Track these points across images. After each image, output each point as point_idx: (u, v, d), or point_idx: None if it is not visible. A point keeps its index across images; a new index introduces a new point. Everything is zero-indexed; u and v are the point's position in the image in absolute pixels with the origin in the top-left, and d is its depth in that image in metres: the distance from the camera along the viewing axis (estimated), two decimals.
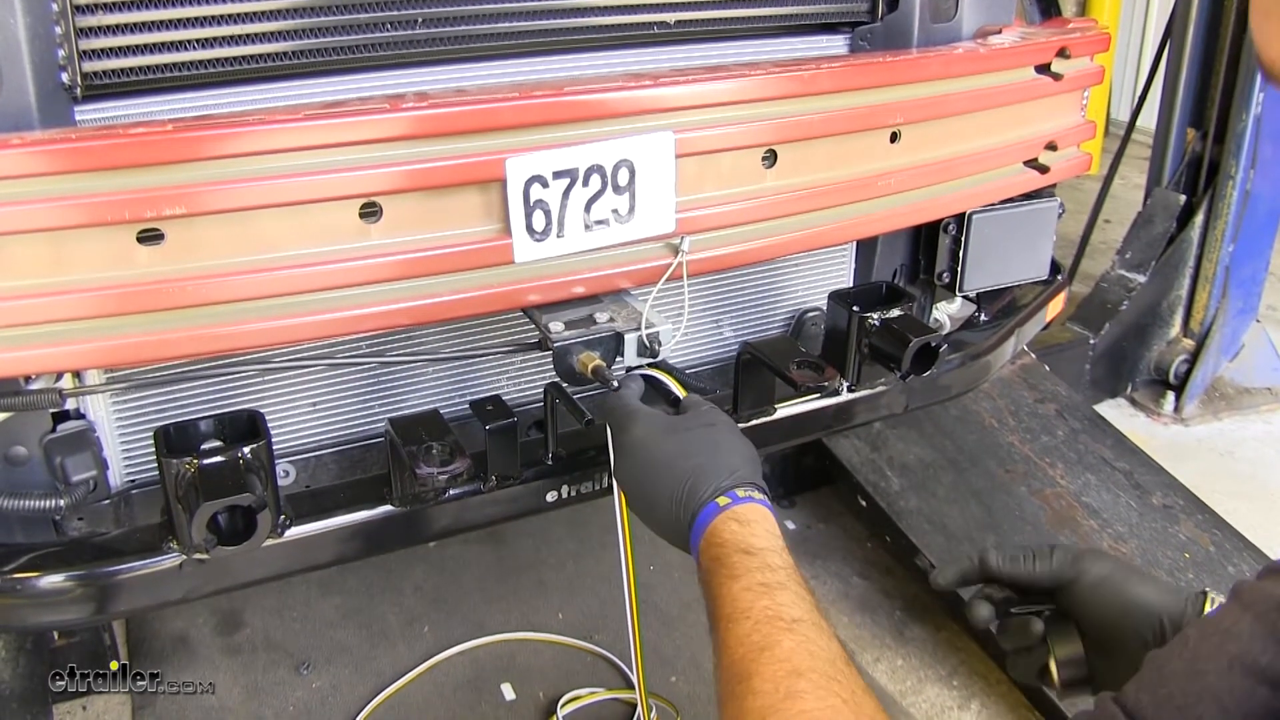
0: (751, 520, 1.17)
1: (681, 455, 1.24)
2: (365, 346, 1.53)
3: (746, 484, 1.21)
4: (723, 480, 1.21)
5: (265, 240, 1.19)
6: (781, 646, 1.00)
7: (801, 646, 1.01)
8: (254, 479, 1.26)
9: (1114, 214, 4.69)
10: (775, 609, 1.05)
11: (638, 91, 1.35)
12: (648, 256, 1.44)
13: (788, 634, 1.02)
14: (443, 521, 1.55)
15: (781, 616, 1.04)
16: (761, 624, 1.03)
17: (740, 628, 1.04)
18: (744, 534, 1.14)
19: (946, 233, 1.88)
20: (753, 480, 1.22)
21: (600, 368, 1.35)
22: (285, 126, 1.16)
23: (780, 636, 1.02)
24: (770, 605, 1.05)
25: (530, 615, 2.49)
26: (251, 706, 2.24)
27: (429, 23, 1.42)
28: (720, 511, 1.17)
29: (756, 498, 1.20)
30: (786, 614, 1.04)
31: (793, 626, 1.03)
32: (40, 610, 1.39)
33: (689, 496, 1.21)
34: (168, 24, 1.27)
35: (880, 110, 1.54)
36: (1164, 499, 2.67)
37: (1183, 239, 3.49)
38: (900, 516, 2.58)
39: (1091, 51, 1.82)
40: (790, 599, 1.07)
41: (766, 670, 0.98)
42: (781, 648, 1.00)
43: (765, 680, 0.97)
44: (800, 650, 1.00)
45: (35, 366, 1.17)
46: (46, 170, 1.07)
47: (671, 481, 1.23)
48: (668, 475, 1.24)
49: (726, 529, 1.16)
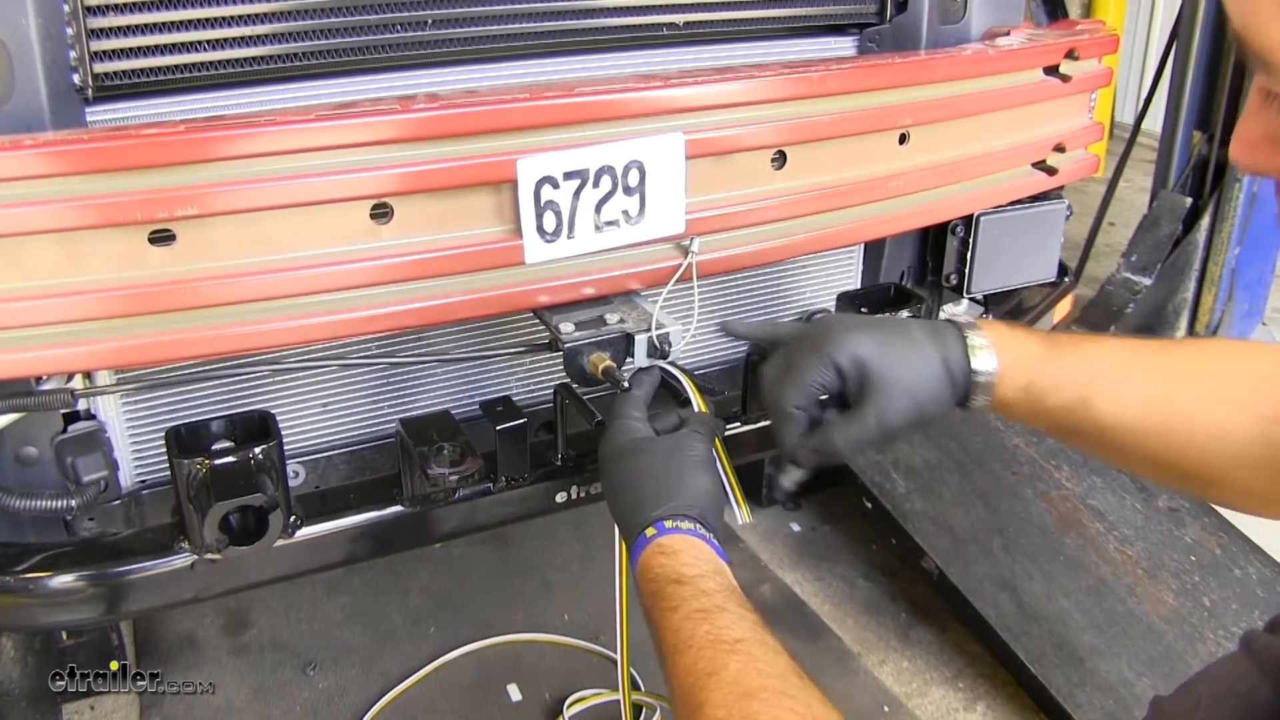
0: (677, 550, 1.14)
1: (632, 479, 1.22)
2: (376, 347, 1.53)
3: (677, 515, 1.17)
4: (651, 511, 1.18)
5: (276, 241, 1.19)
6: (728, 670, 0.99)
7: (749, 666, 0.99)
8: (265, 479, 1.26)
9: (1119, 217, 4.68)
10: (715, 633, 1.03)
11: (648, 93, 1.35)
12: (658, 258, 1.44)
13: (732, 656, 1.00)
14: (452, 522, 1.55)
15: (723, 639, 1.02)
16: (705, 650, 1.01)
17: (685, 658, 1.02)
18: (672, 565, 1.12)
19: (954, 234, 1.88)
20: (685, 511, 1.18)
21: (611, 368, 1.35)
22: (296, 127, 1.16)
23: (725, 660, 1.00)
24: (710, 630, 1.03)
25: (536, 616, 2.49)
26: (258, 706, 2.24)
27: (440, 24, 1.42)
28: (647, 544, 1.16)
29: (684, 527, 1.16)
30: (728, 635, 1.02)
31: (735, 648, 1.01)
32: (51, 610, 1.39)
33: (627, 523, 1.21)
34: (179, 25, 1.27)
35: (889, 112, 1.54)
36: (1170, 502, 2.66)
37: (1188, 242, 3.49)
38: (906, 518, 2.57)
39: (1099, 53, 1.82)
40: (729, 620, 1.04)
41: (716, 697, 0.96)
42: (728, 671, 0.98)
43: (717, 707, 0.96)
44: (748, 670, 0.98)
45: (47, 367, 1.17)
46: (58, 171, 1.07)
47: (620, 504, 1.23)
48: (622, 495, 1.23)
49: (655, 563, 1.14)
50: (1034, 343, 1.21)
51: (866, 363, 1.18)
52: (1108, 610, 2.33)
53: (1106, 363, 1.18)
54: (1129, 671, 2.18)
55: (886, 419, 1.18)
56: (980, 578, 2.41)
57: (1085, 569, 2.43)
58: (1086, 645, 2.24)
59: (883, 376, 1.18)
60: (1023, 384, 1.19)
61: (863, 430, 1.19)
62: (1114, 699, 2.13)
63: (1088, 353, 1.19)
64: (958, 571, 2.42)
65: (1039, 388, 1.18)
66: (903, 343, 1.20)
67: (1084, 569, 2.43)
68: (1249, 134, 0.82)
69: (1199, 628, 2.29)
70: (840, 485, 2.94)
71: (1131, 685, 2.16)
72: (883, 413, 1.18)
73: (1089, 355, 1.19)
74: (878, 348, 1.19)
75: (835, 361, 1.19)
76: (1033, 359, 1.19)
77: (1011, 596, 2.36)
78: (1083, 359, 1.18)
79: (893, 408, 1.18)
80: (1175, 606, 2.35)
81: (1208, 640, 2.26)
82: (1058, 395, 1.18)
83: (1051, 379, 1.18)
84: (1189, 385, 1.14)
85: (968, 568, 2.43)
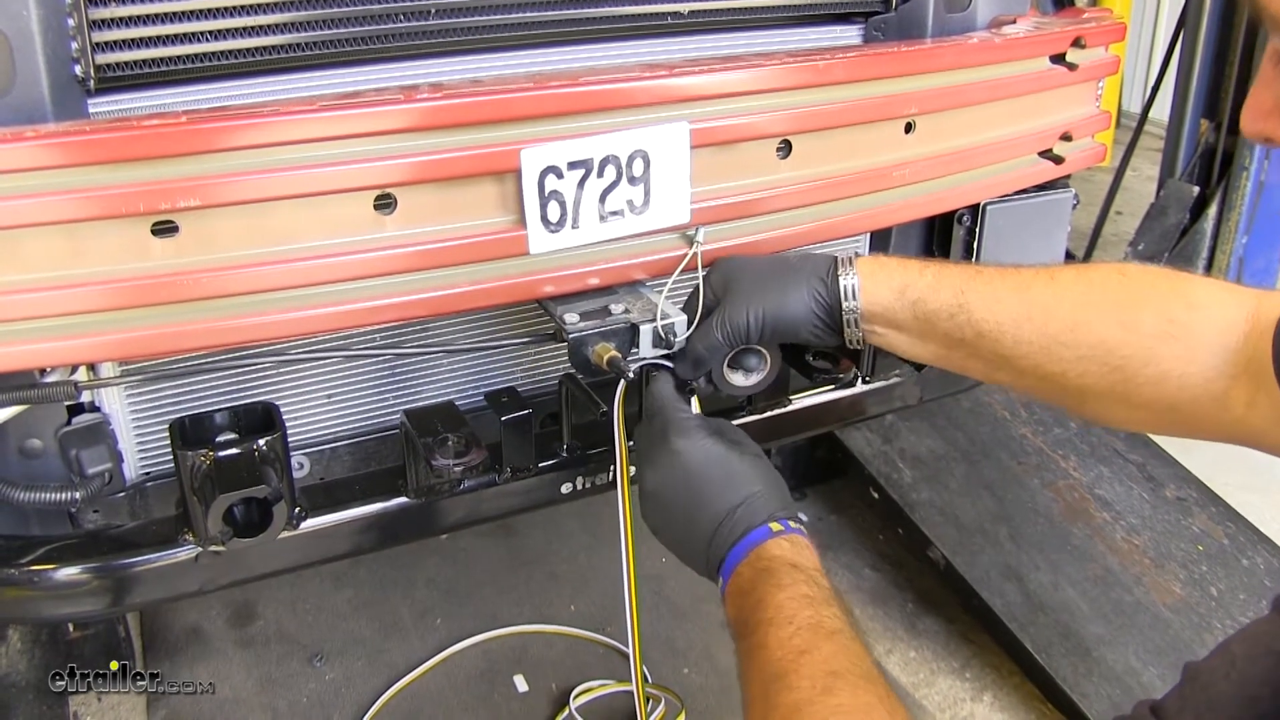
0: (801, 545, 1.20)
1: (734, 481, 1.25)
2: (380, 338, 1.52)
3: (794, 517, 1.24)
4: (776, 510, 1.23)
5: (280, 232, 1.19)
6: (821, 651, 1.03)
7: (841, 652, 1.04)
8: (269, 471, 1.26)
9: (1126, 206, 4.67)
10: (817, 619, 1.08)
11: (652, 82, 1.34)
12: (662, 247, 1.43)
13: (828, 641, 1.05)
14: (457, 513, 1.55)
15: (823, 626, 1.07)
16: (803, 630, 1.06)
17: (782, 631, 1.06)
18: (793, 552, 1.18)
19: (961, 224, 1.87)
20: (796, 515, 1.25)
21: (616, 359, 1.35)
22: (299, 118, 1.15)
23: (821, 643, 1.04)
24: (813, 615, 1.08)
25: (542, 607, 2.50)
26: (265, 698, 2.24)
27: (443, 13, 1.41)
28: (773, 535, 1.20)
29: (797, 526, 1.23)
30: (828, 625, 1.07)
31: (832, 636, 1.06)
32: (57, 602, 1.39)
33: (738, 521, 1.22)
34: (181, 15, 1.26)
35: (895, 101, 1.53)
36: (1177, 491, 2.66)
37: (1196, 230, 3.48)
38: (912, 509, 2.57)
39: (1106, 41, 1.81)
40: (832, 615, 1.09)
41: (805, 669, 1.01)
42: (821, 652, 1.03)
43: (803, 678, 1.00)
44: (839, 654, 1.03)
45: (50, 359, 1.16)
46: (61, 163, 1.07)
47: (720, 505, 1.24)
48: (718, 499, 1.24)
49: (777, 547, 1.18)
50: (915, 261, 1.30)
51: (726, 276, 1.33)
52: (1115, 600, 2.32)
53: (983, 274, 1.25)
54: (1136, 661, 2.18)
55: (731, 320, 1.30)
56: (987, 567, 2.41)
57: (1092, 559, 2.43)
58: (1093, 635, 2.24)
59: (736, 286, 1.31)
60: (898, 288, 1.26)
61: (707, 332, 1.33)
62: (1121, 689, 2.13)
63: (966, 267, 1.28)
64: (964, 561, 2.42)
65: (917, 289, 1.25)
66: (768, 265, 1.35)
67: (1091, 559, 2.43)
68: (1260, 102, 0.82)
69: (1206, 617, 2.29)
70: (847, 475, 2.94)
71: (1138, 675, 2.15)
72: (727, 314, 1.31)
73: (968, 268, 1.27)
74: (741, 267, 1.34)
75: (710, 280, 1.35)
76: (910, 269, 1.28)
77: (1018, 586, 2.36)
78: (963, 270, 1.27)
79: (736, 311, 1.30)
80: (1182, 596, 2.35)
81: (1215, 630, 2.26)
82: (937, 299, 1.24)
83: (930, 283, 1.25)
84: (1072, 297, 1.18)
85: (974, 557, 2.43)
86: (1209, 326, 1.09)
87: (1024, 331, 1.19)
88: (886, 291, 1.27)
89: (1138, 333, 1.12)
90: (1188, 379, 1.09)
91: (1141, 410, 1.16)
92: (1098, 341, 1.14)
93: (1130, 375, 1.12)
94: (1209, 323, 1.09)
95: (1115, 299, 1.15)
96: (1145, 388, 1.12)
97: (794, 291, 1.30)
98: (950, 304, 1.23)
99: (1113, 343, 1.13)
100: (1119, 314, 1.14)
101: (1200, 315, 1.10)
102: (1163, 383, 1.11)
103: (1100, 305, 1.16)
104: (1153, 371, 1.11)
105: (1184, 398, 1.10)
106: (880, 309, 1.28)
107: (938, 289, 1.25)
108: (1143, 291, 1.15)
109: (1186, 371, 1.09)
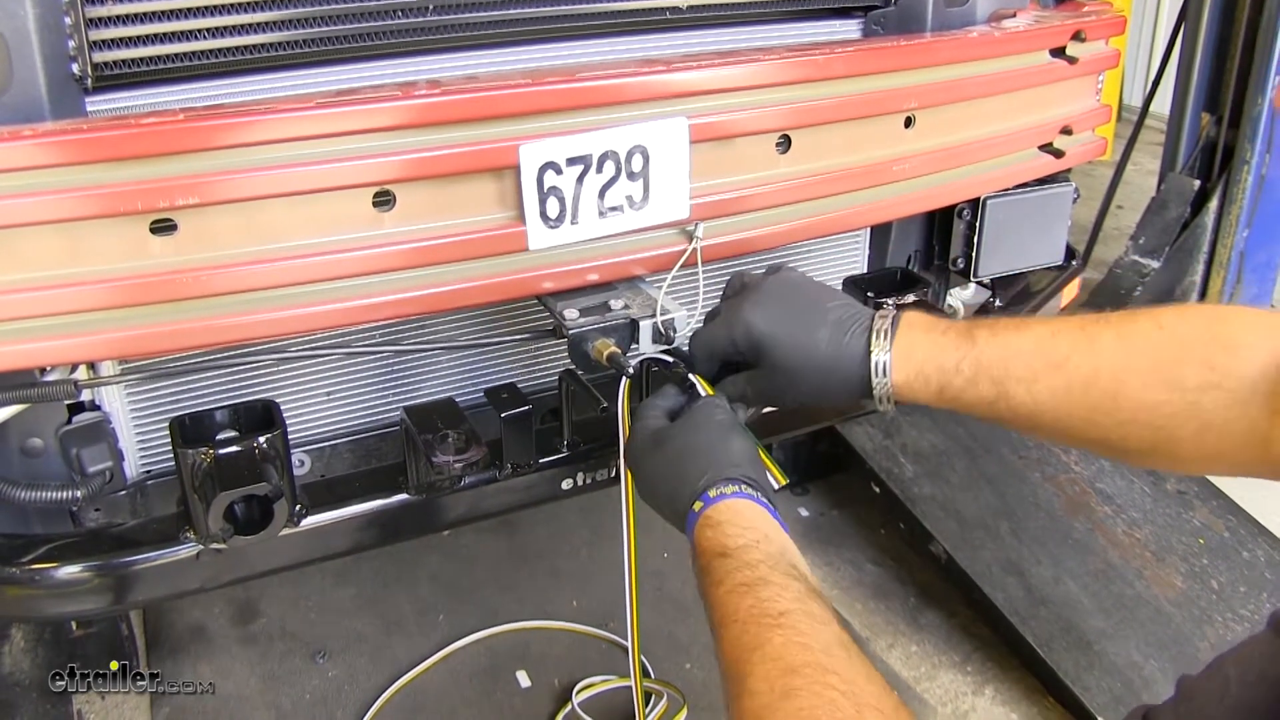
0: (721, 521, 1.15)
1: (664, 467, 1.24)
2: (380, 335, 1.53)
3: (718, 481, 1.19)
4: (696, 484, 1.20)
5: (278, 229, 1.19)
6: (771, 644, 0.99)
7: (791, 640, 1.00)
8: (270, 468, 1.26)
9: (1127, 200, 4.66)
10: (759, 606, 1.04)
11: (651, 77, 1.34)
12: (662, 243, 1.43)
13: (775, 630, 1.01)
14: (458, 509, 1.55)
15: (767, 613, 1.03)
16: (749, 624, 1.02)
17: (730, 631, 1.04)
18: (717, 538, 1.13)
19: (961, 218, 1.87)
20: (727, 474, 1.20)
21: (615, 354, 1.35)
22: (297, 115, 1.15)
23: (768, 634, 1.01)
24: (754, 604, 1.04)
25: (545, 604, 2.50)
26: (268, 695, 2.25)
27: (441, 9, 1.41)
28: (696, 519, 1.17)
29: (727, 492, 1.18)
30: (771, 609, 1.03)
31: (779, 621, 1.02)
32: (59, 601, 1.39)
33: (674, 511, 1.22)
34: (178, 13, 1.26)
35: (894, 95, 1.53)
36: (1178, 484, 2.66)
37: (1197, 224, 3.47)
38: (914, 503, 2.57)
39: (1107, 34, 1.81)
40: (773, 593, 1.05)
41: (759, 670, 0.97)
42: (771, 645, 0.99)
43: (759, 680, 0.97)
44: (790, 645, 0.99)
45: (50, 358, 1.16)
46: (58, 162, 1.06)
47: (662, 496, 1.24)
48: (660, 488, 1.24)
49: (702, 537, 1.15)
50: (948, 340, 1.22)
51: (759, 344, 1.27)
52: (1116, 593, 2.32)
53: (1021, 352, 1.19)
54: (1137, 655, 2.18)
55: (764, 393, 1.31)
56: (988, 562, 2.40)
57: (1093, 552, 2.43)
58: (1095, 629, 2.24)
59: (770, 358, 1.27)
60: (935, 385, 1.22)
61: (743, 392, 1.33)
62: (1122, 682, 2.13)
63: (1006, 343, 1.20)
64: (966, 556, 2.42)
65: (954, 387, 1.21)
66: (803, 332, 1.27)
67: (1092, 552, 2.43)
68: None
69: (1207, 610, 2.29)
70: (848, 470, 2.94)
71: (1140, 668, 2.15)
72: (759, 388, 1.31)
73: (1006, 346, 1.20)
74: (772, 332, 1.27)
75: (733, 338, 1.30)
76: (945, 356, 1.21)
77: (1020, 580, 2.36)
78: (1001, 350, 1.19)
79: (770, 385, 1.29)
80: (1183, 589, 2.35)
81: (1216, 623, 2.26)
82: (975, 391, 1.20)
83: (967, 376, 1.20)
84: (1111, 366, 1.14)
85: (976, 552, 2.43)
86: (1250, 367, 1.05)
87: (1064, 407, 1.16)
88: (921, 388, 1.23)
89: (1180, 389, 1.08)
90: (1230, 425, 1.06)
91: (1185, 463, 1.13)
92: (1139, 407, 1.11)
93: (1172, 432, 1.10)
94: (1250, 363, 1.05)
95: (1155, 359, 1.11)
96: (1186, 443, 1.09)
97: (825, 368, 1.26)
98: (989, 395, 1.19)
99: (1154, 404, 1.10)
100: (1160, 374, 1.10)
101: (1241, 357, 1.06)
102: (1205, 434, 1.08)
103: (1140, 369, 1.12)
104: (1195, 425, 1.08)
105: (1226, 445, 1.07)
106: (911, 395, 1.24)
107: (975, 382, 1.20)
108: (1182, 344, 1.11)
109: (1228, 419, 1.06)
